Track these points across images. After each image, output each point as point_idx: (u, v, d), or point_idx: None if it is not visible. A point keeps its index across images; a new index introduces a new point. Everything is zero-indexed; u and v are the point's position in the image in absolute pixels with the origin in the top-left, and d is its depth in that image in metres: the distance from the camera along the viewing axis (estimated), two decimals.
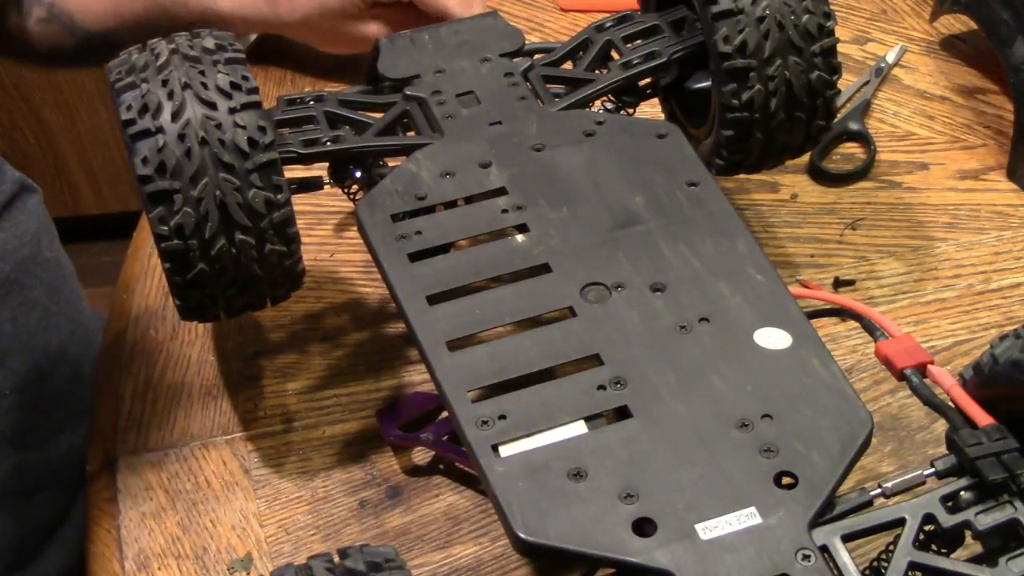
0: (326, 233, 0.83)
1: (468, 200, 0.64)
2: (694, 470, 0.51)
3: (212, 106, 0.59)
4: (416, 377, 0.73)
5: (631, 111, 0.73)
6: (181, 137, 0.58)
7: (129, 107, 0.59)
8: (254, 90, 0.60)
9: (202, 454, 0.71)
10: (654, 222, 0.61)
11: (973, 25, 0.94)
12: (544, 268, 0.60)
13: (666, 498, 0.51)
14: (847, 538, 0.50)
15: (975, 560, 0.50)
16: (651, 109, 0.76)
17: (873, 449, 0.55)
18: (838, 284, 0.78)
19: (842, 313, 0.62)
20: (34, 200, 0.93)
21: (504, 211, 0.62)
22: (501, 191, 0.63)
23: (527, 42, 0.73)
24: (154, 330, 0.78)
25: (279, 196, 0.60)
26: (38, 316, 0.91)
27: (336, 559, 0.49)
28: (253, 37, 1.02)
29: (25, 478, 0.89)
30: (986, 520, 0.50)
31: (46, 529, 0.92)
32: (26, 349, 0.90)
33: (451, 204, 0.64)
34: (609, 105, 0.73)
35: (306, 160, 0.65)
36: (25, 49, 0.96)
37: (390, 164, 0.69)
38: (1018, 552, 0.49)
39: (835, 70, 0.68)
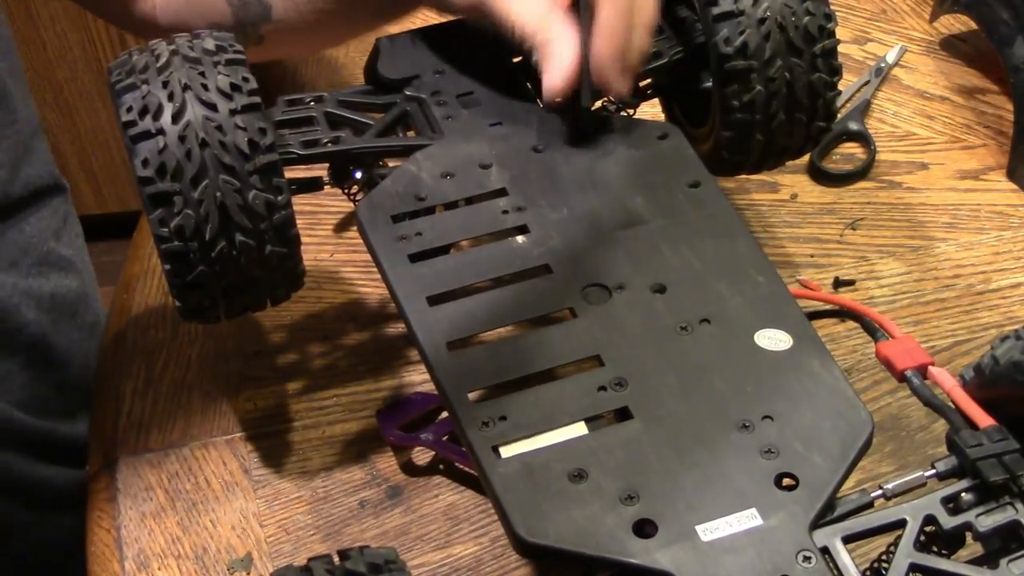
0: (326, 233, 0.83)
1: (468, 201, 0.64)
2: (695, 471, 0.52)
3: (213, 107, 0.59)
4: (416, 377, 0.73)
5: (631, 111, 0.73)
6: (182, 139, 0.58)
7: (129, 108, 0.58)
8: (255, 91, 0.60)
9: (202, 454, 0.71)
10: (655, 223, 0.61)
11: (973, 25, 0.94)
12: (545, 269, 0.60)
13: (667, 499, 0.51)
14: (848, 539, 0.50)
15: (976, 562, 0.50)
16: (651, 109, 0.76)
17: (873, 449, 0.55)
18: (838, 284, 0.78)
19: (842, 314, 0.62)
20: (60, 198, 0.95)
21: (504, 212, 0.62)
22: (501, 192, 0.63)
23: None
24: (154, 330, 0.78)
25: (279, 198, 0.59)
26: (64, 307, 0.93)
27: (336, 560, 0.49)
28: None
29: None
30: (987, 522, 0.50)
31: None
32: (55, 331, 0.92)
33: (451, 205, 0.64)
34: (609, 105, 0.73)
35: (306, 161, 0.65)
36: None
37: (390, 165, 0.69)
38: (1019, 554, 0.49)
39: (836, 71, 0.68)
